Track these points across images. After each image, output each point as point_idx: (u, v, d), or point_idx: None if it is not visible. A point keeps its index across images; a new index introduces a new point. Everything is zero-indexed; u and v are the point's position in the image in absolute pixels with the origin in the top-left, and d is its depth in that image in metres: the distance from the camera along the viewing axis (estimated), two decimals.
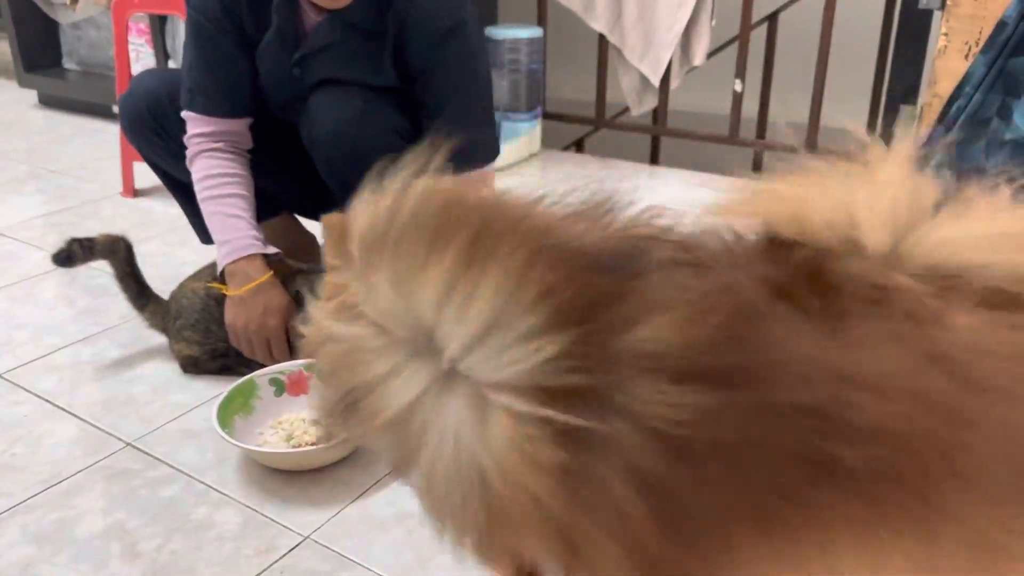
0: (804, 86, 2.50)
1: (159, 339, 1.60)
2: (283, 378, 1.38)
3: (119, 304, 1.59)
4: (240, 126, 1.55)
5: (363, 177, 1.85)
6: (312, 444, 1.26)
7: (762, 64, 2.62)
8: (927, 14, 2.21)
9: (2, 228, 2.18)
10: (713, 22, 2.46)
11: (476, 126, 1.53)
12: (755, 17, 2.51)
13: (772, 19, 2.60)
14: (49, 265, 1.51)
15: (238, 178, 1.52)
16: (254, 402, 1.33)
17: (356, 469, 1.24)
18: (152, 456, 1.28)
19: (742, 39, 2.51)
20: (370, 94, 1.48)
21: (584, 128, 2.98)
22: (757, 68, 2.61)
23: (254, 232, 1.48)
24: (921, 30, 2.26)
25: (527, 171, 2.61)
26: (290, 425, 1.32)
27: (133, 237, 1.54)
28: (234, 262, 1.45)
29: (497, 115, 2.71)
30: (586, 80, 2.88)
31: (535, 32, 2.64)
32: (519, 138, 2.66)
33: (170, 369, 1.52)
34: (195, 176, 1.52)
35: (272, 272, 1.46)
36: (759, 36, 2.57)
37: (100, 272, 1.71)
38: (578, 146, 3.05)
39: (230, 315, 1.45)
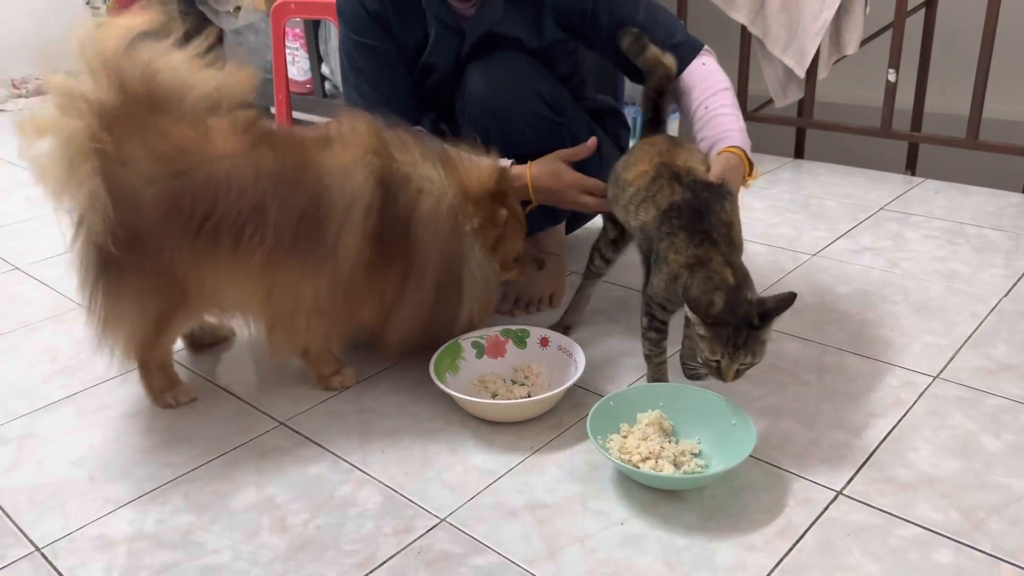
0: (965, 76, 2.34)
1: None
2: (483, 341, 1.49)
3: None
4: None
5: (507, 134, 1.90)
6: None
7: (918, 52, 2.47)
8: None
9: None
10: (867, 9, 2.35)
11: (676, 26, 1.69)
12: (911, 3, 2.38)
13: (930, 4, 2.45)
14: None
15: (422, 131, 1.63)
16: (459, 362, 1.46)
17: (490, 455, 1.27)
18: (301, 435, 1.35)
19: (897, 26, 2.38)
20: (520, 59, 1.57)
21: None
22: (913, 57, 2.47)
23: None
24: None
25: None
26: (493, 384, 1.43)
27: None
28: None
29: (633, 108, 2.70)
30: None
31: None
32: None
33: None
34: None
35: (512, 160, 1.54)
36: (915, 22, 2.42)
37: None
38: None
39: (559, 204, 1.58)
